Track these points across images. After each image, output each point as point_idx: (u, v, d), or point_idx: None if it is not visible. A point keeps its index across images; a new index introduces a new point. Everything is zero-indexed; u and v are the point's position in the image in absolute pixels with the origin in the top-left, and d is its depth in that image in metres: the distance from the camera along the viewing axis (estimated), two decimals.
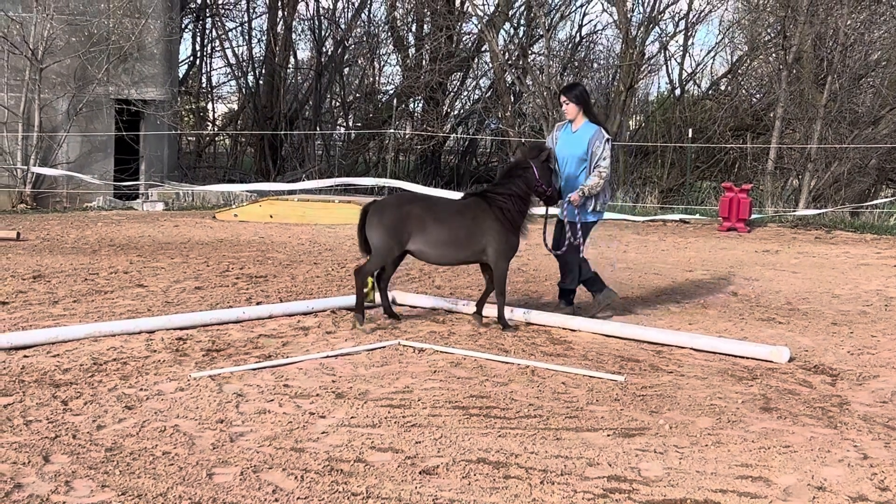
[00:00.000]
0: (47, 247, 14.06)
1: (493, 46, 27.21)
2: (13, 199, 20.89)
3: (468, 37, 31.48)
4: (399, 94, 30.74)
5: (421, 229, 8.67)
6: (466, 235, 8.76)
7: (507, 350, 8.23)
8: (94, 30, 21.28)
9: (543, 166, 9.00)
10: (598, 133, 9.26)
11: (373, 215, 8.77)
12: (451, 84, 31.74)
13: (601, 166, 9.20)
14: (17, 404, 6.27)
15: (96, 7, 21.39)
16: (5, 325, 8.66)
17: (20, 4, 20.74)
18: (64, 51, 21.16)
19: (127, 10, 21.56)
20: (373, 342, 8.37)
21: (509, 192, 8.86)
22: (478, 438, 5.83)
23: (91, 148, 21.77)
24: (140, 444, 5.59)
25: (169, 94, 23.08)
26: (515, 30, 30.64)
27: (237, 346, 8.13)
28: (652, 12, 28.04)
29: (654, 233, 18.68)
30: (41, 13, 20.60)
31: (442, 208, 8.92)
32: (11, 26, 20.54)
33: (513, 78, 28.54)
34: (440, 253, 8.81)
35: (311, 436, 5.82)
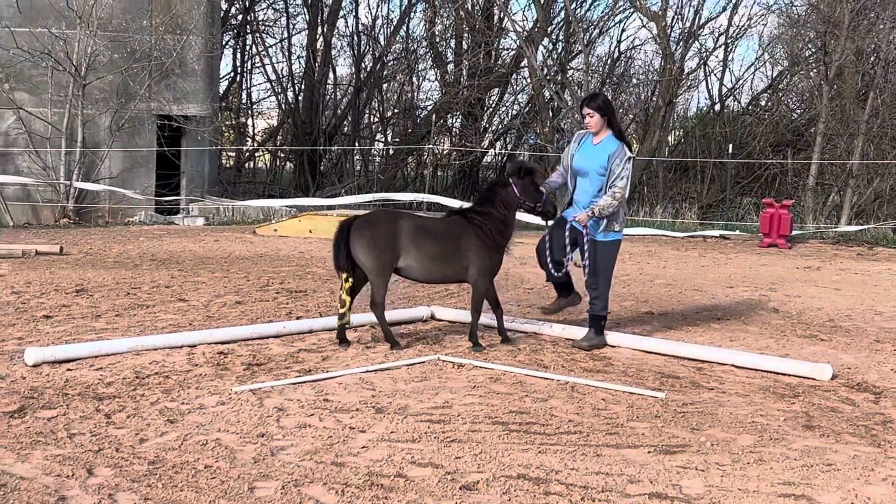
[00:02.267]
0: (90, 261, 14.20)
1: (531, 62, 27.22)
2: (56, 214, 21.13)
3: (507, 53, 31.54)
4: (437, 110, 30.82)
5: (413, 244, 8.50)
6: (453, 252, 8.63)
7: (547, 366, 8.21)
8: (136, 46, 21.50)
9: (524, 182, 8.78)
10: (621, 150, 8.63)
11: (362, 232, 8.47)
12: (489, 100, 31.79)
13: (617, 186, 8.54)
14: (61, 417, 6.33)
15: (139, 24, 21.62)
16: (49, 338, 8.76)
17: (64, 21, 21.00)
18: (107, 67, 21.39)
19: (169, 27, 21.77)
20: (412, 357, 8.38)
21: (488, 211, 8.72)
22: (518, 454, 5.82)
23: (133, 163, 21.98)
24: (182, 457, 5.63)
25: (210, 109, 23.27)
26: (554, 45, 30.66)
27: (278, 360, 8.18)
28: (691, 27, 27.97)
29: (694, 249, 18.59)
30: (84, 30, 20.85)
31: (430, 224, 8.81)
32: (55, 43, 20.80)
33: (551, 93, 28.53)
34: (428, 269, 8.62)
35: (352, 450, 5.83)
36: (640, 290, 12.74)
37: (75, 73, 20.86)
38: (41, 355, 7.74)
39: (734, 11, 29.14)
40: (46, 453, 5.62)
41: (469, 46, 30.99)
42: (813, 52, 28.18)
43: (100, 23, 20.98)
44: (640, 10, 27.49)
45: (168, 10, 21.71)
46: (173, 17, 21.80)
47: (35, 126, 21.17)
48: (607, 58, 31.57)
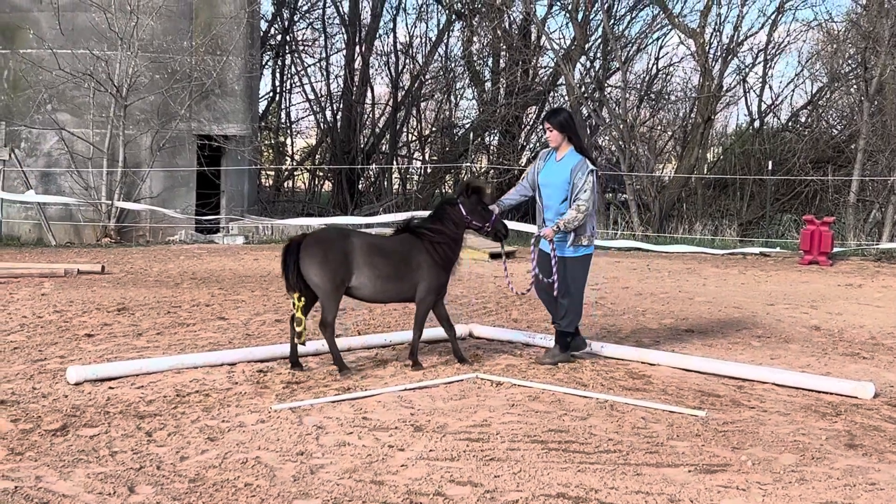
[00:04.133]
0: (131, 280, 14.32)
1: (569, 80, 27.20)
2: (98, 233, 21.33)
3: (544, 70, 31.54)
4: (475, 128, 30.87)
5: (367, 263, 8.30)
6: (406, 270, 8.48)
7: (586, 384, 8.19)
8: (176, 67, 21.68)
9: (471, 202, 8.70)
10: (582, 163, 8.68)
11: (313, 251, 8.21)
12: (526, 117, 31.78)
13: (581, 199, 8.57)
14: (103, 435, 6.39)
15: (179, 45, 21.82)
16: (91, 357, 8.84)
17: (105, 43, 21.23)
18: (147, 88, 21.60)
19: (209, 48, 21.96)
20: (450, 375, 8.39)
21: (438, 229, 8.63)
22: (557, 473, 5.80)
23: (173, 183, 22.16)
24: (222, 475, 5.66)
25: (249, 129, 23.44)
26: (591, 63, 30.62)
27: (316, 378, 8.21)
28: (730, 44, 27.85)
29: (734, 266, 18.47)
30: (126, 51, 21.08)
31: (381, 242, 8.67)
32: (97, 64, 21.04)
33: (589, 111, 28.51)
34: (380, 288, 8.42)
35: (391, 468, 5.84)
36: (679, 308, 12.68)
37: (117, 93, 21.08)
38: (83, 374, 7.82)
39: (773, 28, 28.99)
40: (88, 471, 5.67)
41: (506, 65, 30.99)
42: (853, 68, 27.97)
43: (141, 44, 21.19)
44: (678, 27, 27.43)
45: (208, 31, 21.90)
46: (213, 38, 21.99)
47: (77, 146, 21.40)
48: (645, 74, 31.50)
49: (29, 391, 7.51)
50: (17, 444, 6.18)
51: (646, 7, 29.87)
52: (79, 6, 21.13)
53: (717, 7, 27.59)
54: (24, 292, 12.60)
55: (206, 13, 22.08)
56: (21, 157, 21.43)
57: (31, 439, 6.28)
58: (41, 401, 7.24)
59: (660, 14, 28.77)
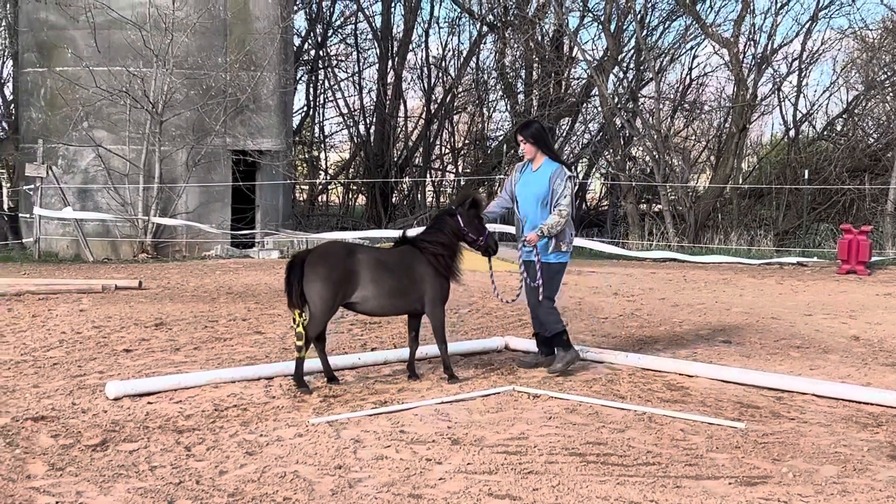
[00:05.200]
0: (168, 295, 14.41)
1: (602, 91, 27.16)
2: (135, 249, 21.47)
3: (577, 82, 31.49)
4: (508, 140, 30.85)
5: (371, 278, 8.22)
6: (409, 283, 8.45)
7: (624, 396, 8.15)
8: (211, 83, 21.81)
9: (469, 215, 8.71)
10: (560, 170, 8.94)
11: (316, 267, 8.13)
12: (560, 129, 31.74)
13: (561, 204, 8.82)
14: (143, 450, 6.43)
15: (213, 61, 21.96)
16: (130, 372, 8.90)
17: (141, 60, 21.40)
18: (183, 104, 21.74)
19: (243, 64, 22.08)
20: (487, 388, 8.37)
21: (438, 239, 8.61)
22: (596, 486, 5.77)
23: (209, 198, 22.28)
24: (261, 489, 5.68)
25: (284, 144, 23.54)
26: (625, 73, 30.55)
27: (353, 392, 8.22)
28: (764, 53, 27.70)
29: (771, 276, 18.35)
30: (161, 68, 21.24)
31: (385, 256, 8.60)
32: (133, 81, 21.21)
33: (622, 121, 28.43)
34: (384, 303, 8.37)
35: (429, 482, 5.84)
36: (716, 319, 12.60)
37: (152, 110, 21.24)
38: (122, 389, 7.87)
39: (808, 36, 28.80)
40: (128, 486, 5.70)
41: (539, 76, 30.98)
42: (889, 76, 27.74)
43: (176, 61, 21.34)
44: (712, 36, 27.32)
45: (242, 48, 22.03)
46: (247, 54, 22.12)
47: (114, 163, 21.57)
48: (679, 84, 31.37)
49: (69, 407, 7.57)
50: (58, 459, 6.22)
51: (679, 17, 29.77)
52: (114, 24, 21.33)
53: (751, 16, 27.47)
54: (62, 308, 12.71)
55: (239, 29, 22.23)
56: (58, 175, 21.63)
57: (72, 454, 6.32)
58: (81, 416, 7.29)
59: (693, 24, 28.67)
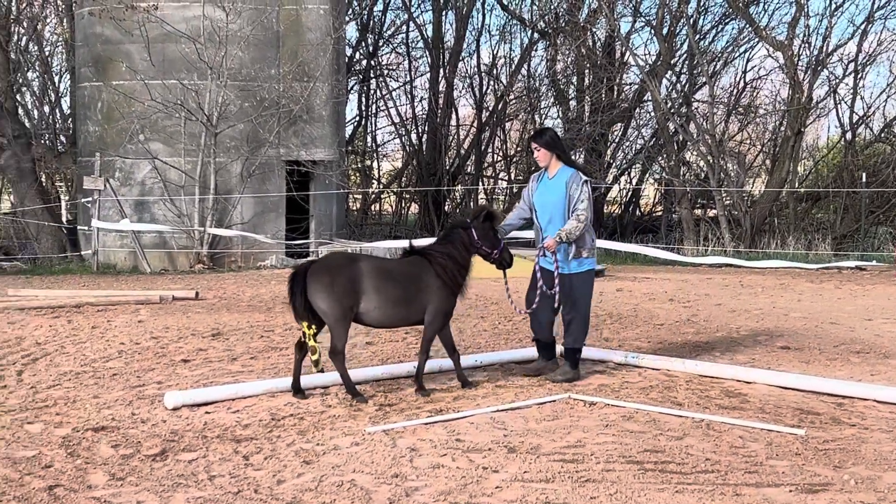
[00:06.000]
0: (224, 305, 14.53)
1: (655, 95, 27.00)
2: (191, 260, 21.68)
3: (629, 87, 31.36)
4: None
5: (374, 288, 8.12)
6: (415, 293, 8.35)
7: (681, 403, 8.09)
8: (265, 94, 21.98)
9: (483, 227, 8.65)
10: (575, 175, 8.86)
11: (320, 277, 8.06)
12: (612, 135, 31.62)
13: (579, 209, 8.75)
14: (201, 459, 6.48)
15: (267, 73, 22.14)
16: (188, 382, 8.98)
17: (195, 73, 21.63)
18: (237, 116, 21.93)
19: (296, 75, 22.23)
20: (542, 396, 8.35)
21: (448, 252, 8.54)
22: (654, 494, 5.73)
23: (263, 208, 22.45)
24: (319, 498, 5.70)
25: (337, 154, 23.66)
26: (678, 78, 30.37)
27: (409, 400, 8.23)
28: (819, 55, 27.39)
29: (829, 280, 18.12)
30: (215, 80, 21.45)
31: (390, 265, 8.54)
32: (187, 94, 21.43)
33: (676, 126, 28.25)
34: (388, 313, 8.28)
35: (485, 490, 5.82)
36: (774, 325, 12.46)
37: (207, 122, 21.44)
38: (180, 399, 7.95)
39: (863, 37, 28.43)
40: (188, 495, 5.75)
41: (591, 82, 30.89)
42: None
43: (230, 73, 21.54)
44: (766, 39, 27.06)
45: (295, 59, 22.18)
46: (300, 65, 22.26)
47: (170, 175, 21.81)
48: (732, 88, 31.12)
49: (128, 417, 7.65)
50: (118, 469, 6.29)
51: (732, 20, 29.55)
52: (169, 38, 21.58)
53: (805, 18, 27.17)
54: (121, 319, 12.86)
55: (292, 41, 22.39)
56: (116, 187, 21.92)
57: (132, 464, 6.39)
58: (140, 426, 7.37)
59: (746, 27, 28.43)
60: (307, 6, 22.41)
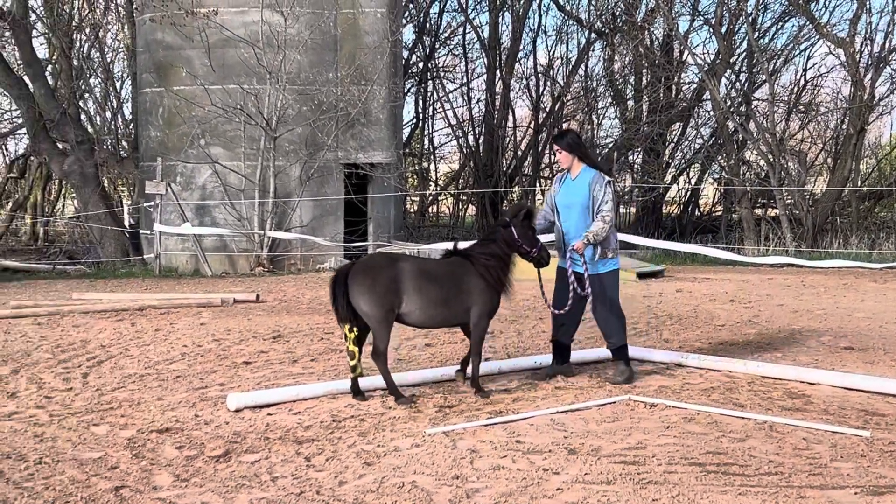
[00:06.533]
0: (284, 308, 14.64)
1: (714, 94, 26.77)
2: (251, 263, 21.88)
3: (688, 86, 31.13)
4: (618, 147, 30.65)
5: (416, 288, 8.13)
6: (457, 294, 8.32)
7: (743, 405, 8.02)
8: (323, 98, 22.14)
9: (523, 226, 8.63)
10: (598, 177, 8.90)
11: (360, 280, 8.08)
12: (671, 134, 31.40)
13: (604, 210, 8.78)
14: (264, 461, 6.54)
15: (325, 76, 22.28)
16: (249, 384, 9.07)
17: (255, 77, 21.83)
18: (295, 119, 22.09)
19: (354, 78, 22.35)
20: (602, 397, 8.32)
21: (491, 251, 8.52)
22: (717, 496, 5.69)
23: (322, 211, 22.59)
24: (380, 499, 5.73)
25: (394, 156, 23.74)
26: (737, 76, 30.08)
27: (468, 402, 8.24)
28: (882, 52, 26.99)
29: (894, 280, 17.84)
30: (274, 85, 21.63)
31: (430, 266, 8.49)
32: (247, 98, 21.63)
33: (735, 125, 27.98)
34: (430, 314, 8.26)
35: (546, 492, 5.82)
36: (837, 325, 12.30)
37: (266, 126, 21.63)
38: (243, 400, 8.03)
39: None
40: (251, 496, 5.81)
41: (649, 82, 30.72)
42: None
43: (288, 77, 21.71)
44: (827, 37, 26.72)
45: (352, 62, 22.30)
46: (358, 69, 22.38)
47: (230, 179, 22.02)
48: (793, 86, 30.80)
49: (192, 418, 7.75)
50: (183, 470, 6.37)
51: (792, 18, 29.21)
52: (228, 43, 21.79)
53: (867, 15, 26.79)
54: (183, 322, 13.01)
55: (350, 44, 22.51)
56: (177, 191, 22.19)
57: (196, 465, 6.47)
58: (204, 428, 7.46)
59: (807, 24, 28.09)
60: (364, 10, 22.52)
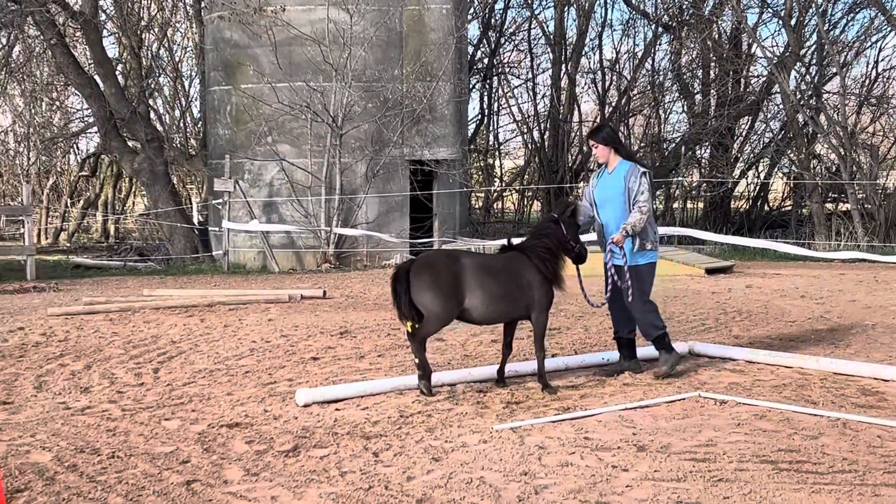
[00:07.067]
0: (351, 304, 14.71)
1: (783, 87, 26.39)
2: (318, 259, 22.02)
3: (756, 80, 30.73)
4: (686, 141, 30.35)
5: (478, 284, 8.14)
6: (517, 289, 8.33)
7: (815, 402, 7.90)
8: (388, 95, 22.21)
9: (570, 222, 8.64)
10: (633, 168, 8.92)
11: (422, 276, 8.08)
12: (739, 128, 31.02)
13: (640, 201, 8.79)
14: (332, 456, 6.58)
15: (390, 73, 22.35)
16: (317, 379, 9.12)
17: (321, 75, 21.96)
18: (361, 116, 22.17)
19: (419, 75, 22.38)
20: (671, 394, 8.24)
21: (546, 245, 8.52)
22: (789, 494, 5.61)
23: (388, 208, 22.67)
24: (448, 495, 5.73)
25: (459, 152, 23.74)
26: (807, 69, 29.62)
27: (536, 398, 8.22)
28: None
29: None
30: (340, 82, 21.74)
31: (490, 261, 8.47)
32: (313, 96, 21.77)
33: (805, 119, 27.57)
34: (491, 309, 8.24)
35: (615, 489, 5.78)
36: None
37: (332, 123, 21.74)
38: (311, 396, 8.08)
39: None
40: (320, 491, 5.84)
41: (717, 75, 30.37)
42: None
43: (354, 74, 21.80)
44: None
45: (418, 59, 22.35)
46: (423, 65, 22.41)
47: (296, 176, 22.17)
48: (864, 79, 30.27)
49: (261, 413, 7.81)
50: (252, 464, 6.43)
51: (863, 9, 28.71)
52: (295, 41, 21.94)
53: None
54: (252, 318, 13.13)
55: (415, 41, 22.55)
56: (245, 188, 22.40)
57: (265, 460, 6.52)
58: (273, 423, 7.52)
59: (878, 16, 27.59)
60: (430, 6, 22.54)
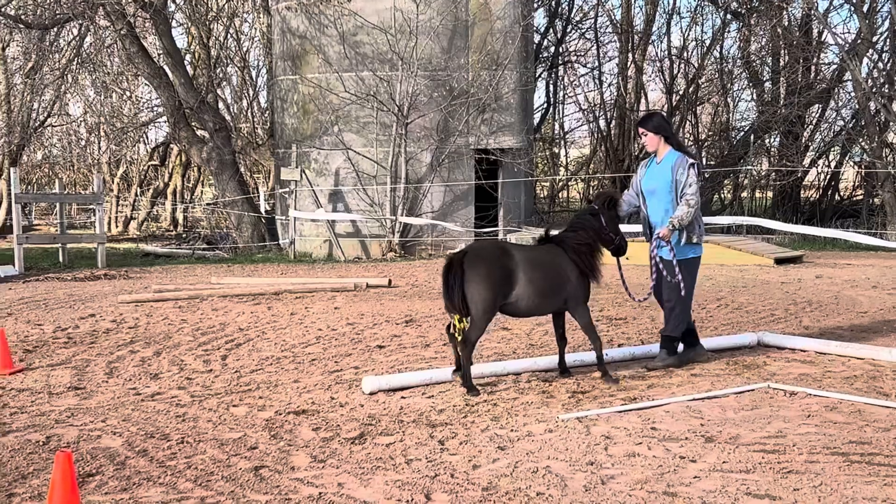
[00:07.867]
0: (416, 293, 14.75)
1: (855, 75, 25.93)
2: (383, 248, 22.12)
3: (827, 67, 30.24)
4: (755, 130, 29.96)
5: (528, 278, 8.03)
6: (559, 283, 8.22)
7: (888, 394, 7.76)
8: (454, 84, 22.22)
9: (610, 214, 8.51)
10: (681, 159, 8.72)
11: (476, 268, 7.93)
12: (809, 116, 30.56)
13: (687, 193, 8.62)
14: (398, 443, 6.60)
15: (456, 62, 22.36)
16: (383, 367, 9.16)
17: (387, 64, 22.03)
18: (427, 105, 22.22)
19: (485, 64, 22.38)
20: (740, 385, 8.15)
21: (582, 238, 8.39)
22: (861, 487, 5.52)
23: (453, 197, 22.69)
24: (514, 484, 5.72)
25: (525, 141, 23.69)
26: (879, 56, 29.08)
27: (601, 388, 8.17)
28: None
29: None
30: (406, 71, 21.79)
31: (535, 255, 8.32)
32: (379, 85, 21.85)
33: (878, 106, 27.07)
34: (536, 303, 8.12)
35: (683, 480, 5.73)
36: None
37: (398, 112, 21.80)
38: (377, 384, 8.11)
39: None
40: (386, 478, 5.86)
41: (787, 63, 29.94)
42: None
43: (420, 63, 21.84)
44: None
45: (484, 48, 22.33)
46: (489, 54, 22.39)
47: (362, 165, 22.29)
48: None
49: (327, 401, 7.86)
50: (319, 451, 6.47)
51: None
52: (361, 30, 22.02)
53: None
54: (318, 306, 13.21)
55: (481, 30, 22.52)
56: (311, 177, 22.55)
57: (332, 447, 6.56)
58: (339, 410, 7.56)
59: None
60: None
